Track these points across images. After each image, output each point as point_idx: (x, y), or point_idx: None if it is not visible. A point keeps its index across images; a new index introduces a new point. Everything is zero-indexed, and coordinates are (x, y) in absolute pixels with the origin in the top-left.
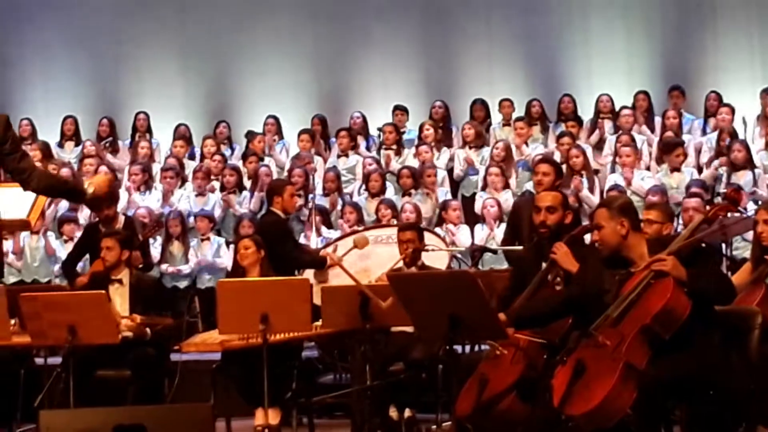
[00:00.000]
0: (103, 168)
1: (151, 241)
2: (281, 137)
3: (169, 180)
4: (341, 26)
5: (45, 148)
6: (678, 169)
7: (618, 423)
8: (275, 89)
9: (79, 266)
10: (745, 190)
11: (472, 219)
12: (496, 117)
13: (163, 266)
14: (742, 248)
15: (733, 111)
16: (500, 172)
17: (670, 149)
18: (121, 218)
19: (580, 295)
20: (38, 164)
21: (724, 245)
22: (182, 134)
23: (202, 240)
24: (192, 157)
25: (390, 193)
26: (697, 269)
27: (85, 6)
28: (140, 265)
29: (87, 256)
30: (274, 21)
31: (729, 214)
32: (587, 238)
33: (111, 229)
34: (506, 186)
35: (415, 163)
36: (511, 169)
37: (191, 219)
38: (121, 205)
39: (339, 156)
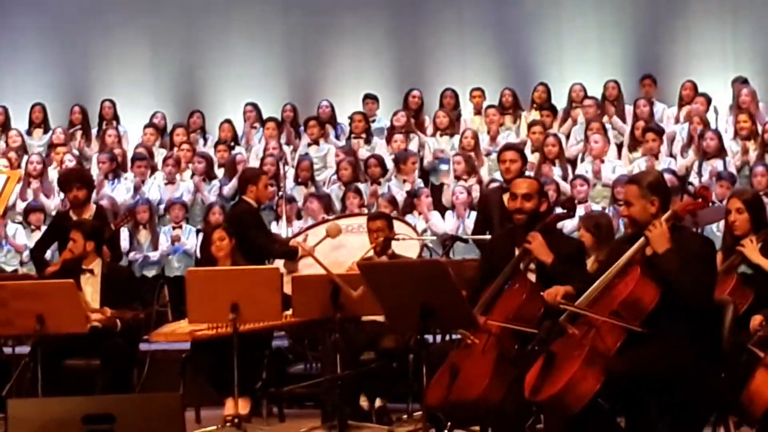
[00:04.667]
0: (68, 156)
1: (121, 230)
2: (262, 125)
3: (143, 169)
4: (313, 15)
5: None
6: (656, 157)
7: (590, 411)
8: (246, 78)
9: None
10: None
11: (439, 206)
12: (467, 106)
13: (131, 254)
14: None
15: (708, 101)
16: (466, 160)
17: (642, 134)
18: (92, 207)
19: None
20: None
21: None
22: (154, 123)
23: (174, 228)
24: (164, 146)
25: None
26: (687, 264)
27: None
28: (108, 259)
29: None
30: (246, 9)
31: None
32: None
33: (80, 219)
34: (475, 174)
35: (383, 152)
36: (481, 157)
37: (161, 207)
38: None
39: (309, 145)
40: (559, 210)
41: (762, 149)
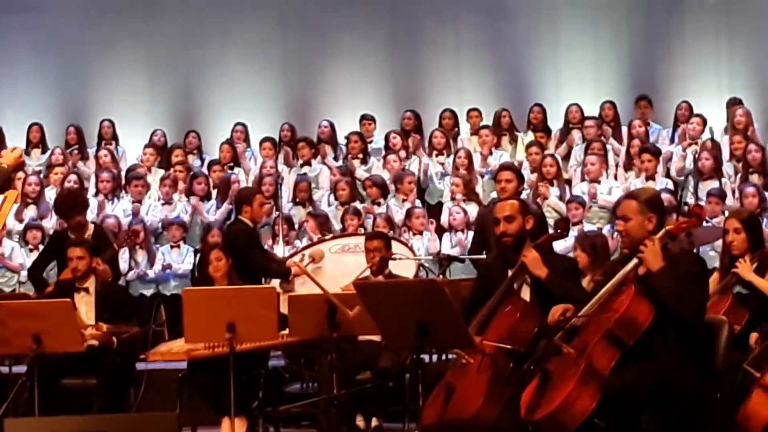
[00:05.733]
0: (72, 176)
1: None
2: (249, 145)
3: (140, 189)
4: (310, 35)
5: None
6: (653, 178)
7: (586, 430)
8: (243, 97)
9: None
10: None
11: (437, 227)
12: (465, 126)
13: (130, 274)
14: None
15: (704, 121)
16: (462, 181)
17: (638, 155)
18: (90, 227)
19: None
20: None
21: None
22: (154, 142)
23: (172, 247)
24: (161, 165)
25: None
26: (679, 282)
27: (51, 12)
28: (109, 278)
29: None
30: (243, 29)
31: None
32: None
33: (78, 238)
34: (471, 194)
35: (379, 171)
36: (476, 177)
37: (159, 226)
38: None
39: (302, 165)
40: (552, 230)
41: (745, 170)
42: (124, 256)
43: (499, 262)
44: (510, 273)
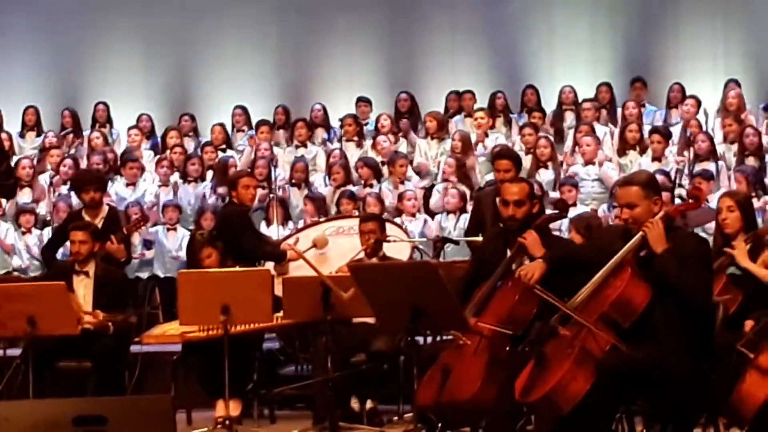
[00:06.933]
0: (68, 161)
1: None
2: (250, 127)
3: (135, 171)
4: (305, 17)
5: None
6: (659, 159)
7: (578, 413)
8: (238, 79)
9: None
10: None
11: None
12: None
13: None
14: None
15: (699, 103)
16: (456, 163)
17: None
18: (105, 208)
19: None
20: None
21: None
22: (139, 126)
23: (168, 230)
24: (153, 148)
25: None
26: (684, 264)
27: None
28: (123, 259)
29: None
30: (239, 11)
31: None
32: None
33: (83, 221)
34: (463, 178)
35: (374, 154)
36: (471, 159)
37: (154, 209)
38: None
39: (297, 146)
40: (550, 211)
41: (741, 153)
42: None
43: (497, 243)
44: (509, 254)
